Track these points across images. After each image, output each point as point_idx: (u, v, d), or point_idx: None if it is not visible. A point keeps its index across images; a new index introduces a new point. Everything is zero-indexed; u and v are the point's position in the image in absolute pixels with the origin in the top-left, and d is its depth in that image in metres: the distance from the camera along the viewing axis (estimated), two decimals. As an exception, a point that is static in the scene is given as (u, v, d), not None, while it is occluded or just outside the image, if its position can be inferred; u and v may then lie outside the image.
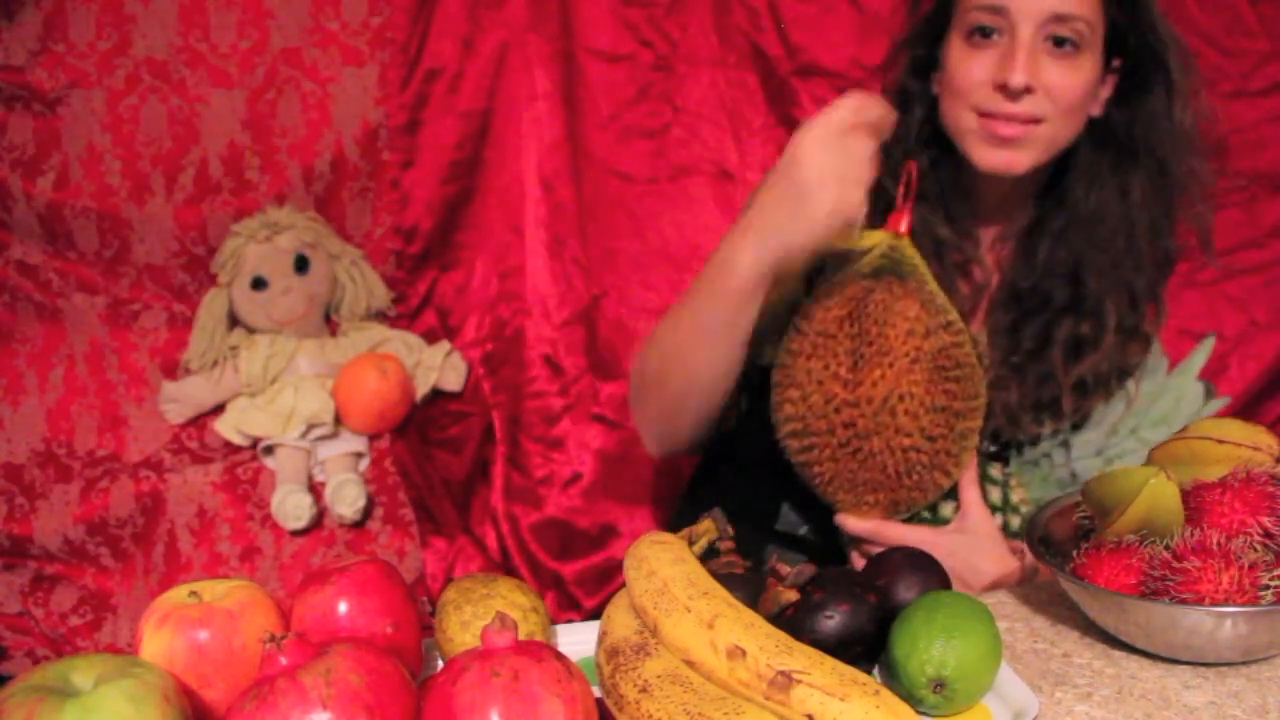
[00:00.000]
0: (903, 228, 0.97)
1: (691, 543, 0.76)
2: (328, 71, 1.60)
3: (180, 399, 1.58)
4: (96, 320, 1.59)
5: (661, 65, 1.66)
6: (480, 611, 0.73)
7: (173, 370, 1.60)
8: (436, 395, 1.68)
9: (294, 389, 1.56)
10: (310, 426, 1.56)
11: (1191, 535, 0.75)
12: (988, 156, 1.04)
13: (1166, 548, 0.75)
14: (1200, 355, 1.06)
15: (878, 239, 0.98)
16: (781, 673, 0.60)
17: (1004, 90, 1.01)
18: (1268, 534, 0.75)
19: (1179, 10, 1.66)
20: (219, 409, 1.60)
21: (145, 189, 1.57)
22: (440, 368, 1.66)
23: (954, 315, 0.95)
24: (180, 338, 1.60)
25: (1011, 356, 1.10)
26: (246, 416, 1.57)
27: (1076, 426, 1.09)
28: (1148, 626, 0.74)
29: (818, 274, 1.04)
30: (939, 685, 0.68)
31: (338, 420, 1.58)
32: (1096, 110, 1.07)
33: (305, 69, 1.59)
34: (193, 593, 0.68)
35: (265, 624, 0.67)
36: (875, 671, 0.74)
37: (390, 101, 1.62)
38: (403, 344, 1.65)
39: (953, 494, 1.00)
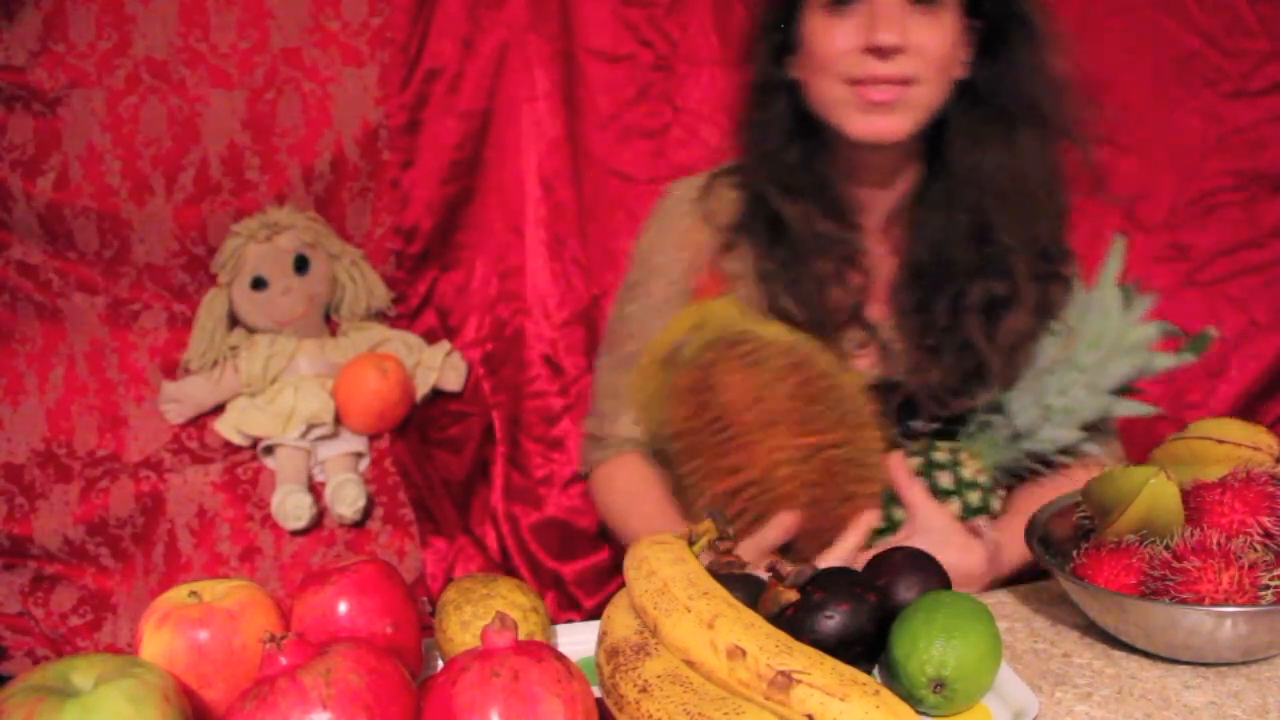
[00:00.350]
0: (713, 290, 0.98)
1: (691, 543, 0.76)
2: (328, 71, 1.60)
3: (180, 399, 1.57)
4: (96, 320, 1.58)
5: (661, 65, 1.66)
6: (480, 611, 0.73)
7: (173, 370, 1.60)
8: (436, 395, 1.68)
9: (294, 389, 1.56)
10: (310, 426, 1.56)
11: (1191, 535, 0.75)
12: (864, 125, 1.02)
13: (1166, 548, 0.75)
14: (1114, 260, 1.02)
15: (695, 314, 0.97)
16: (781, 673, 0.60)
17: (875, 52, 0.98)
18: (1268, 534, 0.75)
19: (1179, 10, 1.66)
20: (219, 409, 1.60)
21: (145, 189, 1.57)
22: (440, 368, 1.66)
23: (792, 351, 0.93)
24: (180, 338, 1.60)
25: (925, 337, 1.08)
26: (246, 416, 1.57)
27: (1007, 386, 1.07)
28: (1148, 626, 0.74)
29: None
30: (939, 685, 0.68)
31: (338, 420, 1.58)
32: (960, 72, 1.05)
33: (305, 69, 1.59)
34: (193, 593, 0.68)
35: (265, 624, 0.67)
36: (875, 671, 0.74)
37: (390, 101, 1.62)
38: (403, 344, 1.65)
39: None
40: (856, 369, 1.04)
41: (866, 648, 0.72)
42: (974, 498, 1.02)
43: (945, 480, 1.02)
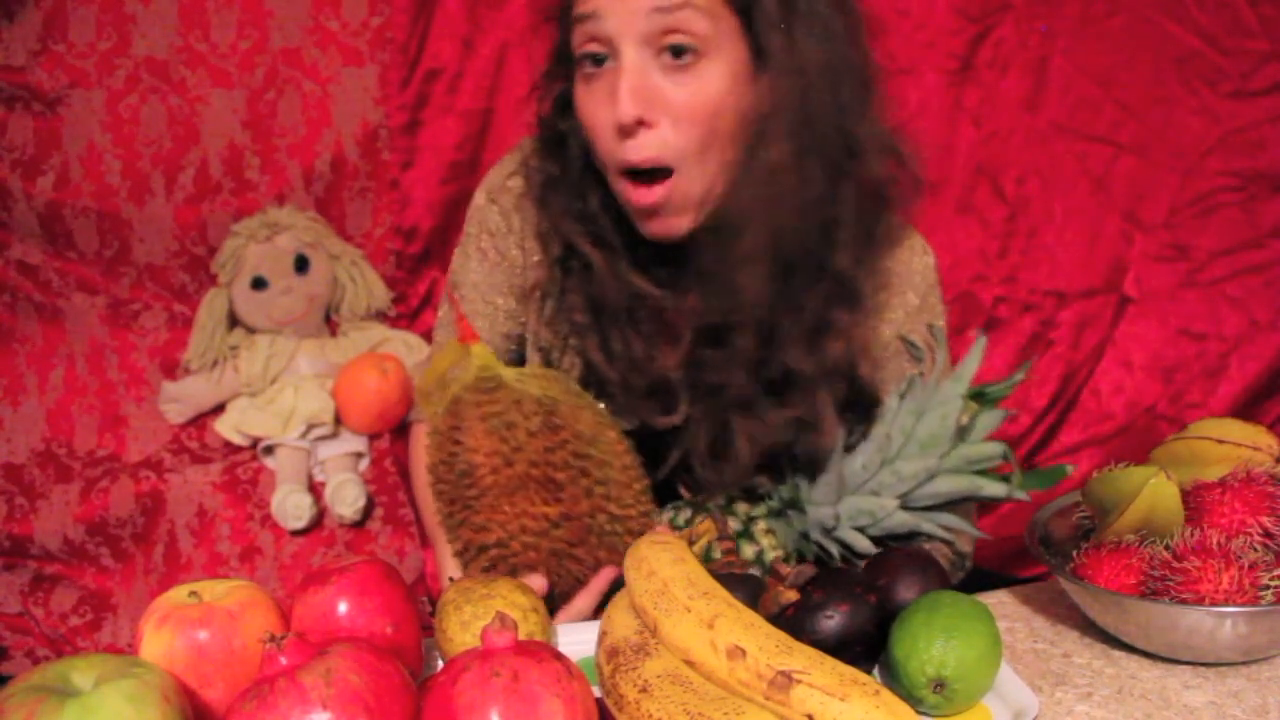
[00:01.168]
0: (471, 336, 0.89)
1: (691, 543, 0.76)
2: (328, 71, 1.60)
3: (180, 399, 1.57)
4: (96, 320, 1.59)
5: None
6: (480, 611, 0.73)
7: (173, 370, 1.60)
8: (436, 395, 1.68)
9: (294, 389, 1.56)
10: (310, 426, 1.56)
11: (1191, 535, 0.75)
12: (645, 228, 0.89)
13: (1166, 548, 0.75)
14: (971, 360, 0.88)
15: (452, 356, 0.90)
16: (781, 673, 0.60)
17: (619, 130, 0.83)
18: (1268, 534, 0.75)
19: (1179, 10, 1.66)
20: (219, 409, 1.60)
21: (145, 189, 1.57)
22: (440, 368, 1.66)
23: (544, 415, 0.85)
24: (180, 338, 1.60)
25: (694, 406, 0.95)
26: (246, 416, 1.57)
27: (808, 473, 0.93)
28: (1148, 626, 0.74)
29: None
30: (939, 685, 0.68)
31: (338, 420, 1.58)
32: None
33: (305, 69, 1.59)
34: (193, 593, 0.67)
35: (265, 624, 0.67)
36: (875, 671, 0.74)
37: (390, 101, 1.62)
38: (403, 344, 1.65)
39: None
40: (621, 425, 0.93)
41: (866, 648, 0.72)
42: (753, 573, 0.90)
43: (719, 552, 0.92)
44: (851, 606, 0.71)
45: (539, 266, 0.99)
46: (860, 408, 0.94)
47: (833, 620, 0.71)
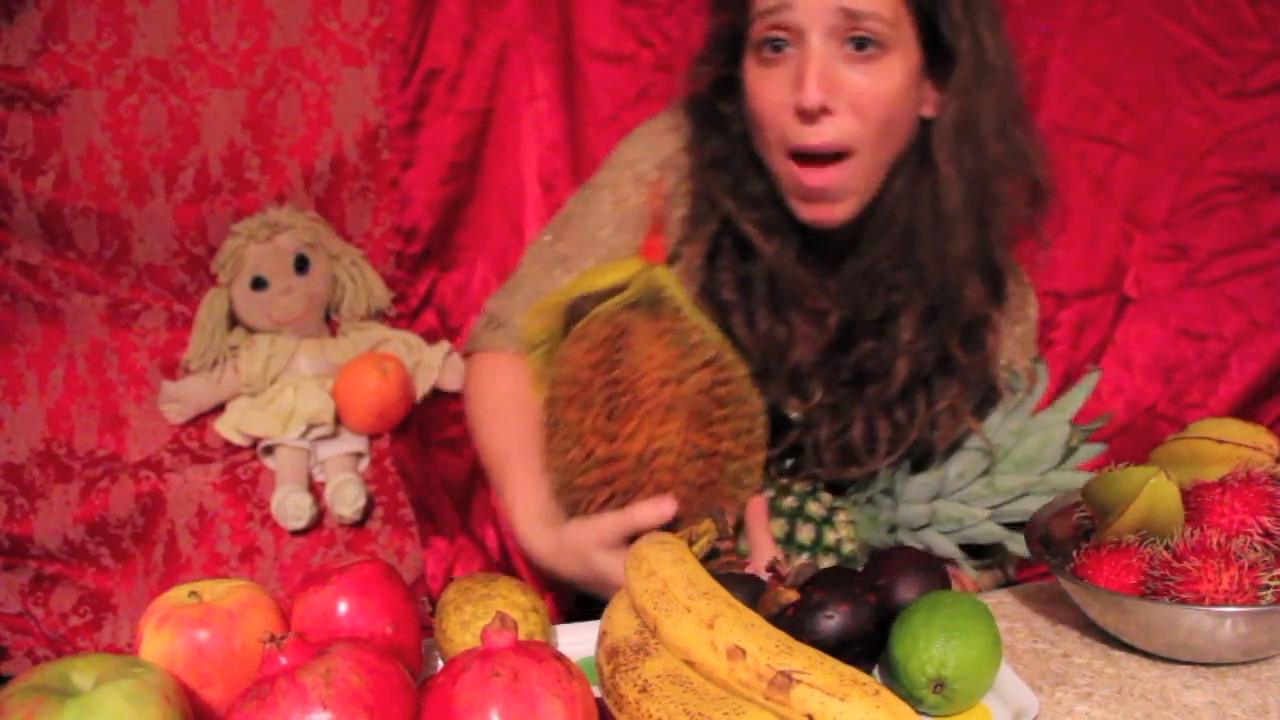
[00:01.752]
0: (657, 256, 0.90)
1: (691, 543, 0.76)
2: (328, 71, 1.60)
3: (180, 399, 1.57)
4: (96, 320, 1.58)
5: (661, 65, 1.66)
6: (480, 611, 0.73)
7: (173, 370, 1.60)
8: (436, 395, 1.68)
9: (294, 389, 1.56)
10: (310, 426, 1.56)
11: (1191, 535, 0.75)
12: (803, 211, 0.94)
13: (1166, 548, 0.75)
14: (1080, 392, 0.91)
15: (631, 270, 0.91)
16: (781, 673, 0.60)
17: (801, 115, 0.87)
18: (1268, 534, 0.75)
19: (1179, 10, 1.66)
20: (219, 409, 1.60)
21: (145, 189, 1.57)
22: (440, 368, 1.66)
23: (717, 349, 0.87)
24: (180, 338, 1.60)
25: (827, 394, 0.98)
26: (246, 416, 1.57)
27: (918, 467, 0.97)
28: (1148, 626, 0.74)
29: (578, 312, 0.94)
30: (939, 685, 0.68)
31: (338, 420, 1.58)
32: (930, 110, 0.94)
33: (305, 69, 1.59)
34: (193, 593, 0.68)
35: (265, 624, 0.67)
36: (875, 671, 0.74)
37: (390, 101, 1.62)
38: (403, 344, 1.65)
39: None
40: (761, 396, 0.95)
41: (866, 648, 0.72)
42: (826, 563, 0.94)
43: (805, 534, 0.95)
44: (851, 606, 0.71)
45: (681, 225, 1.01)
46: (982, 409, 0.99)
47: (833, 620, 0.71)
